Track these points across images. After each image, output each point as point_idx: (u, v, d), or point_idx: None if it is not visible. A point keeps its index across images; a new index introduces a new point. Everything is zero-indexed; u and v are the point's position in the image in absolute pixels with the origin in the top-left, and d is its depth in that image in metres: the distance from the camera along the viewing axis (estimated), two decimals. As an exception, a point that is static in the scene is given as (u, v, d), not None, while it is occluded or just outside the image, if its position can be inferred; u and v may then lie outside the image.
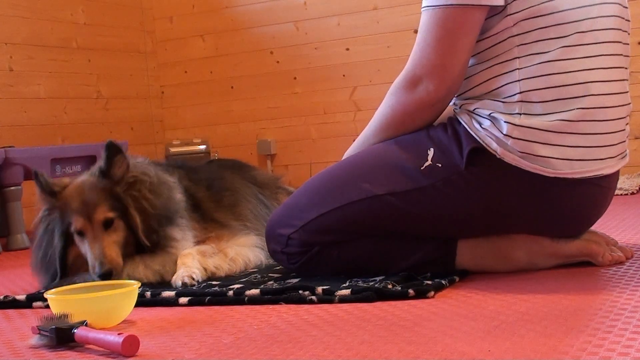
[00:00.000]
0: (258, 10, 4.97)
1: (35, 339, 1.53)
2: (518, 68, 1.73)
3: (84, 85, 4.70)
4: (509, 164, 1.72)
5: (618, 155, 1.80)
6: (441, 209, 1.79)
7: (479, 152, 1.73)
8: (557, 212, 1.78)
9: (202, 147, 5.05)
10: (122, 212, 2.00)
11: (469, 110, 1.77)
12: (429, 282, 1.72)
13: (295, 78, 4.87)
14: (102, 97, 4.83)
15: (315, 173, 1.99)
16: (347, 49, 4.71)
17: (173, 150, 5.04)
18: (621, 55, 1.79)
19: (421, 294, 1.65)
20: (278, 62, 4.92)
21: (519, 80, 1.72)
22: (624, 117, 1.80)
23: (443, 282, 1.72)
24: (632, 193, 3.58)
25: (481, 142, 1.73)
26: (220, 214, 2.26)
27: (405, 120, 1.85)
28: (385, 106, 1.87)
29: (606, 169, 1.77)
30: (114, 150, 2.02)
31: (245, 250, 2.18)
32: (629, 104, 1.82)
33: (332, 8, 4.75)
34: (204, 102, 5.16)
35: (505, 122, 1.71)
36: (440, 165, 1.76)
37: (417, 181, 1.78)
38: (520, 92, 1.72)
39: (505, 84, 1.73)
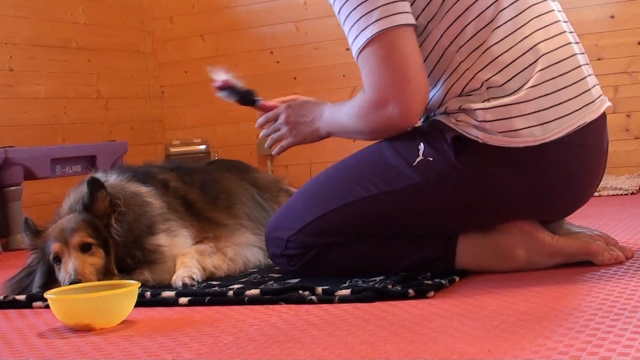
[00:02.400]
0: (258, 10, 4.97)
1: (223, 93, 2.08)
2: (467, 69, 1.76)
3: (84, 85, 4.70)
4: (495, 146, 1.73)
5: (594, 100, 1.81)
6: (437, 203, 1.79)
7: (465, 142, 1.75)
8: (553, 184, 1.79)
9: (202, 147, 5.05)
10: (102, 241, 1.98)
11: (441, 113, 1.80)
12: (429, 282, 1.72)
13: (295, 78, 4.87)
14: (102, 97, 4.83)
15: (316, 173, 1.99)
16: (347, 49, 4.69)
17: (173, 150, 5.04)
18: (553, 11, 1.84)
19: (421, 294, 1.65)
20: (278, 62, 4.92)
21: (472, 78, 1.75)
22: (583, 65, 1.83)
23: (443, 282, 1.72)
24: (632, 193, 3.58)
25: (461, 131, 1.75)
26: (215, 214, 2.26)
27: (380, 136, 1.87)
28: (357, 124, 1.85)
29: (587, 116, 1.78)
30: (96, 186, 2.01)
31: (244, 250, 2.17)
32: (583, 53, 1.86)
33: (332, 8, 4.74)
34: (204, 102, 5.16)
35: (476, 109, 1.73)
36: (431, 159, 1.77)
37: (411, 177, 1.79)
38: (481, 86, 1.75)
39: (465, 85, 1.76)
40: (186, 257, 2.05)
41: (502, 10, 1.77)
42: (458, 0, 1.76)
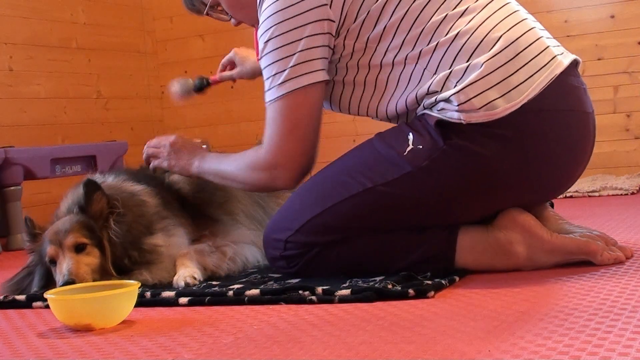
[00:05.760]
0: (258, 10, 4.97)
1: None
2: (424, 69, 1.83)
3: (84, 85, 4.70)
4: (479, 124, 1.75)
5: (557, 55, 1.85)
6: (432, 190, 1.80)
7: (450, 127, 1.77)
8: (542, 154, 1.81)
9: (203, 147, 5.04)
10: (97, 241, 1.98)
11: (422, 110, 1.84)
12: (429, 282, 1.72)
13: (295, 78, 4.86)
14: (102, 97, 4.83)
15: (315, 173, 2.00)
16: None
17: (173, 150, 5.03)
18: (509, 3, 1.90)
19: (421, 294, 1.65)
20: (278, 62, 4.91)
21: (435, 75, 1.81)
22: (536, 27, 1.89)
23: (443, 282, 1.72)
24: (632, 193, 3.58)
25: (444, 117, 1.78)
26: (210, 210, 2.26)
27: (253, 190, 2.16)
28: (241, 172, 2.05)
29: (556, 68, 1.81)
30: (92, 187, 2.01)
31: (242, 249, 2.17)
32: (543, 30, 1.93)
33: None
34: (204, 102, 5.16)
35: (450, 96, 1.77)
36: (421, 147, 1.80)
37: (403, 167, 1.81)
38: (447, 78, 1.79)
39: (430, 84, 1.81)
40: (185, 258, 2.05)
41: (447, 13, 1.84)
42: (393, 14, 1.86)
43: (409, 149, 1.81)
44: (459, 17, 1.83)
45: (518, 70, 1.78)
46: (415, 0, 1.86)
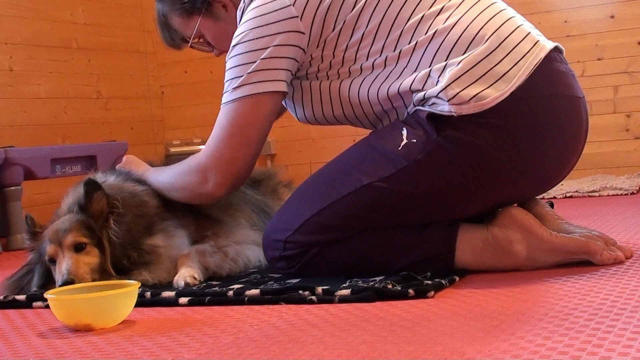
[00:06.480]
0: (258, 10, 4.96)
1: None
2: (404, 67, 1.85)
3: (84, 85, 4.70)
4: (470, 115, 1.76)
5: (539, 40, 1.86)
6: (429, 183, 1.80)
7: (442, 120, 1.78)
8: (534, 141, 1.81)
9: (202, 147, 5.04)
10: (97, 240, 1.98)
11: (413, 107, 1.84)
12: (429, 282, 1.72)
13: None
14: (102, 97, 4.83)
15: (313, 173, 2.00)
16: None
17: (173, 150, 5.04)
18: None
19: (421, 294, 1.65)
20: (278, 62, 4.91)
21: (415, 73, 1.83)
22: (515, 16, 1.90)
23: (443, 282, 1.72)
24: (632, 193, 3.58)
25: (434, 111, 1.78)
26: (212, 211, 2.26)
27: (187, 197, 2.09)
28: (176, 178, 2.08)
29: (540, 52, 1.82)
30: (92, 187, 2.02)
31: (244, 249, 2.17)
32: (523, 20, 1.93)
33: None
34: (204, 102, 5.17)
35: (439, 93, 1.77)
36: (415, 140, 1.80)
37: (399, 162, 1.81)
38: (428, 75, 1.80)
39: (412, 82, 1.82)
40: (187, 258, 2.04)
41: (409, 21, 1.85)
42: (370, 22, 1.87)
43: (403, 143, 1.81)
44: (437, 15, 1.84)
45: (502, 59, 1.79)
46: (390, 5, 1.87)
